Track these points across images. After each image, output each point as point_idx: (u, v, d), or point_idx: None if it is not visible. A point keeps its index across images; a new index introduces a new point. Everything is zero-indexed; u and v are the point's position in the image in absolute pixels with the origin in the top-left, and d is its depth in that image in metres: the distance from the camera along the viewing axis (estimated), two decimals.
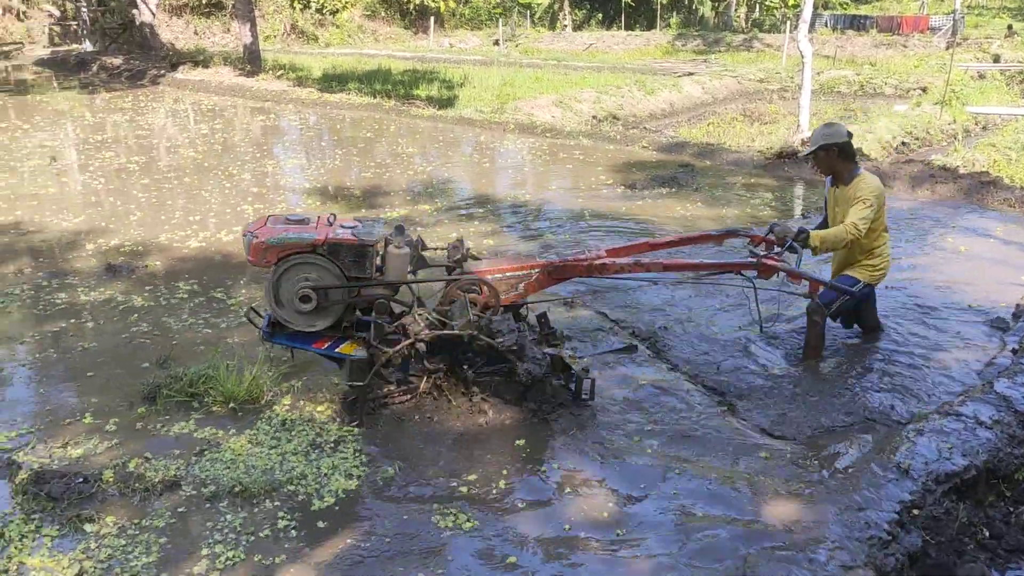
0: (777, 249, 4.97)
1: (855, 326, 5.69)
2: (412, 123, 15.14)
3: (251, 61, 20.05)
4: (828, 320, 5.33)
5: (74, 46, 26.49)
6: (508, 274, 4.79)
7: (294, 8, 31.88)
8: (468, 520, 3.75)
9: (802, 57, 12.51)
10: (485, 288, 4.64)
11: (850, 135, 5.17)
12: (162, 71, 20.99)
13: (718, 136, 14.26)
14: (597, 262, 4.84)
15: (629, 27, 37.70)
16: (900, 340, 5.64)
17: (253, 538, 3.62)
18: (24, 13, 31.84)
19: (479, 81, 18.96)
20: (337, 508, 3.84)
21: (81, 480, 3.97)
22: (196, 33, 30.66)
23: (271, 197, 9.83)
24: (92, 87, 20.22)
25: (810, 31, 12.94)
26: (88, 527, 3.68)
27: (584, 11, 40.51)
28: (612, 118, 16.41)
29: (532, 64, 23.73)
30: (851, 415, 4.66)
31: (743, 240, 5.57)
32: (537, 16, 39.32)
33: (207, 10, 32.01)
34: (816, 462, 4.18)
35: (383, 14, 35.80)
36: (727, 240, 5.93)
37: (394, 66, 21.73)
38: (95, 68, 22.62)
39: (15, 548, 3.55)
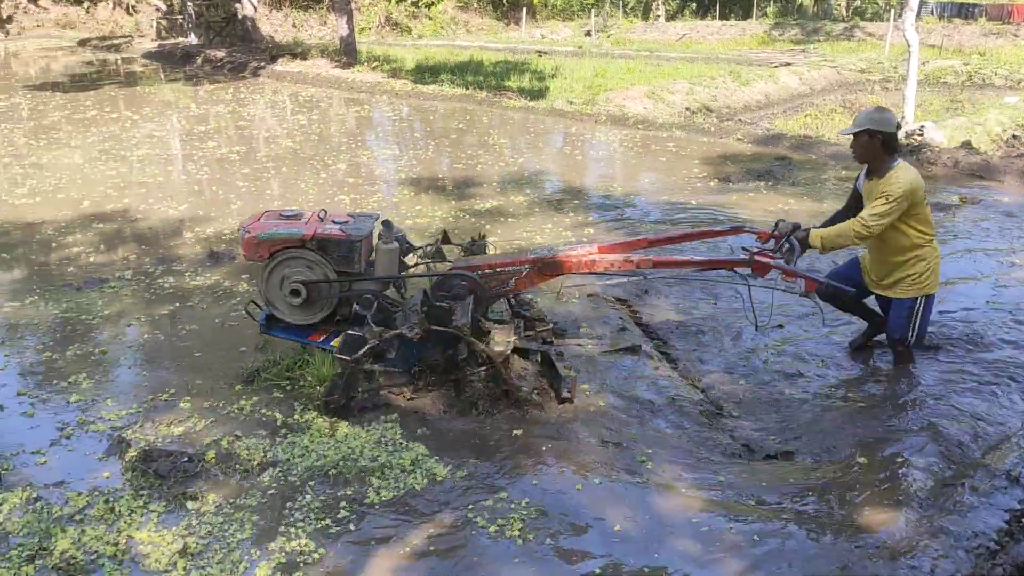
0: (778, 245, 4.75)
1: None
2: (503, 114, 15.21)
3: (347, 53, 20.42)
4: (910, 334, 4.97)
5: (180, 39, 27.43)
6: (498, 269, 4.73)
7: (390, 1, 32.31)
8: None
9: (907, 46, 12.09)
10: (470, 282, 4.62)
11: (898, 126, 4.80)
12: (262, 63, 21.56)
13: (816, 128, 13.90)
14: (586, 259, 4.71)
15: (724, 16, 37.00)
16: (986, 346, 5.38)
17: (336, 522, 3.71)
18: (134, 7, 33.16)
19: (570, 72, 18.90)
20: (418, 498, 3.90)
21: (186, 459, 4.13)
22: (294, 26, 31.38)
23: (365, 187, 10.01)
24: (196, 79, 20.92)
25: (916, 19, 12.47)
26: (191, 504, 3.83)
27: (677, 1, 39.95)
28: (705, 110, 16.15)
29: (624, 55, 23.52)
30: (913, 428, 4.46)
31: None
32: (629, 6, 38.95)
33: (305, 3, 32.74)
34: (901, 472, 4.03)
35: (475, 5, 36.00)
36: (736, 235, 5.48)
37: (486, 57, 21.84)
38: (199, 60, 23.39)
39: (124, 523, 3.72)
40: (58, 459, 4.25)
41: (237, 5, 24.68)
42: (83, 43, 29.37)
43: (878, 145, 4.71)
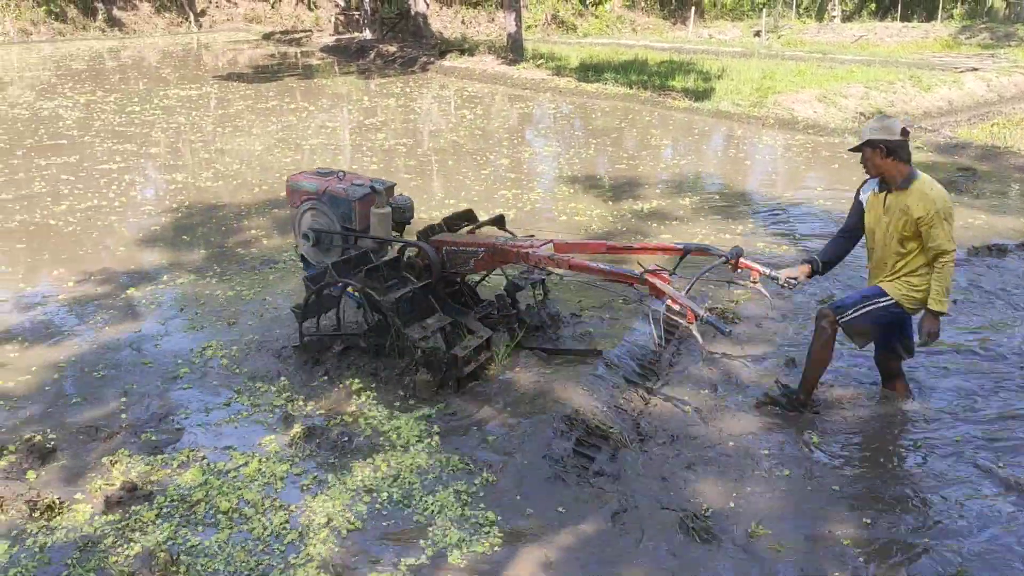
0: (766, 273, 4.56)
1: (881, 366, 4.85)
2: (667, 114, 15.00)
3: (513, 50, 20.68)
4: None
5: (356, 34, 28.55)
6: (460, 248, 5.08)
7: None
8: None
9: None
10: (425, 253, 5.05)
11: (905, 133, 4.34)
12: (431, 59, 22.14)
13: (1004, 139, 12.97)
14: (523, 251, 4.93)
15: (905, 18, 35.14)
16: None
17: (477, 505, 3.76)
18: (314, 3, 34.77)
19: (737, 73, 18.42)
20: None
21: (346, 438, 4.30)
22: (463, 23, 32.05)
23: (526, 183, 10.10)
24: (368, 73, 21.71)
25: None
26: (346, 477, 3.98)
27: (856, 1, 38.24)
28: (881, 115, 15.37)
29: (795, 56, 22.70)
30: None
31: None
32: (803, 7, 37.61)
33: (475, 1, 33.38)
34: None
35: (643, 4, 35.69)
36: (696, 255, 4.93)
37: (651, 57, 21.60)
38: (372, 55, 24.26)
39: (278, 486, 3.91)
40: (231, 427, 4.50)
41: (410, 2, 25.44)
42: (267, 37, 31.04)
43: (882, 155, 4.35)
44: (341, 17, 31.23)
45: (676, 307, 4.31)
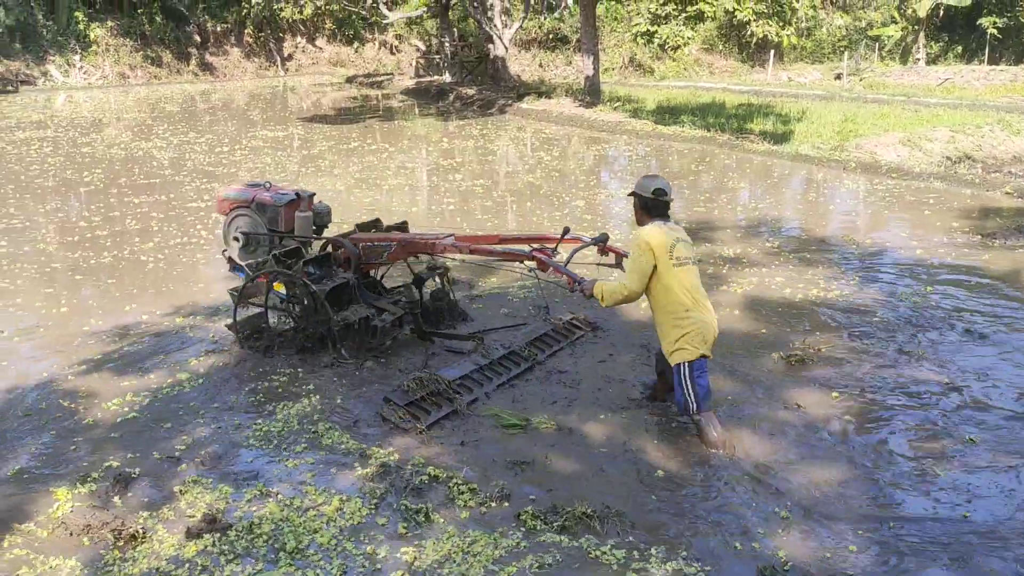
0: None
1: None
2: (745, 157, 14.87)
3: (591, 93, 20.83)
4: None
5: (436, 77, 29.15)
6: (374, 244, 6.02)
7: (637, 43, 32.66)
8: None
9: None
10: (344, 247, 5.99)
11: (660, 193, 4.81)
12: (509, 101, 22.45)
13: None
14: (430, 242, 5.92)
15: (993, 61, 34.26)
16: None
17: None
18: (396, 48, 35.65)
19: (818, 116, 18.21)
20: None
21: (423, 477, 4.32)
22: (541, 66, 32.44)
23: (600, 224, 10.10)
24: (447, 115, 22.11)
25: None
26: (423, 521, 3.99)
27: (941, 44, 37.46)
28: (968, 160, 14.95)
29: (877, 99, 22.34)
30: None
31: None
32: (886, 49, 37.00)
33: (552, 44, 33.77)
34: None
35: (720, 48, 35.59)
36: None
37: (728, 99, 21.52)
38: (451, 97, 24.73)
39: (347, 523, 3.94)
40: (309, 463, 4.57)
41: (490, 46, 25.88)
42: (350, 80, 31.92)
43: (637, 206, 4.95)
44: (422, 60, 31.95)
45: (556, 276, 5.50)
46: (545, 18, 34.32)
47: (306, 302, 5.79)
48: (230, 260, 6.65)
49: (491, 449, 4.69)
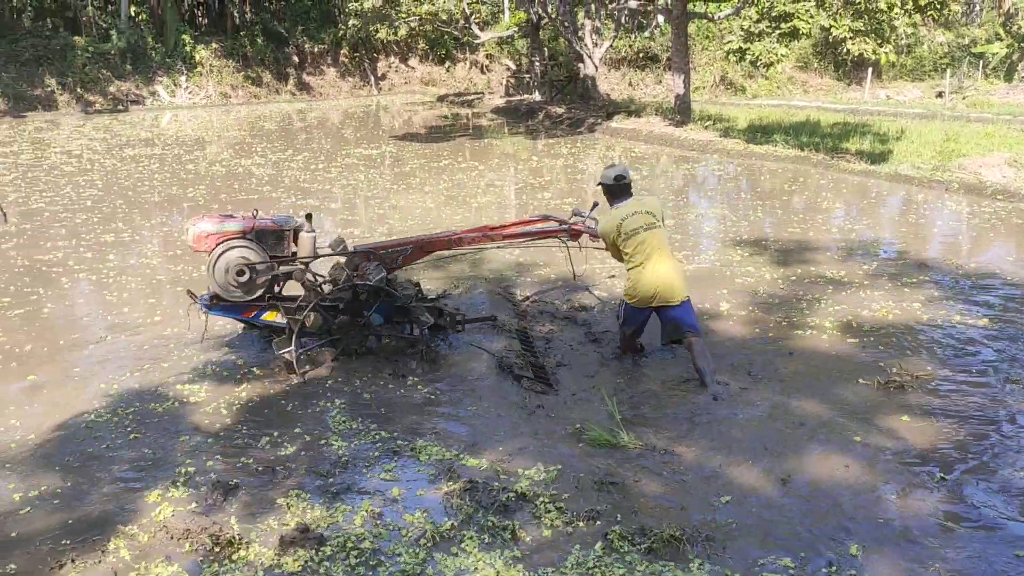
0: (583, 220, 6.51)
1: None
2: (840, 177, 14.51)
3: (681, 111, 20.68)
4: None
5: (525, 96, 29.36)
6: (390, 250, 6.19)
7: (728, 61, 32.29)
8: None
9: None
10: (371, 256, 6.07)
11: (618, 178, 6.00)
12: (598, 120, 22.44)
13: None
14: (454, 238, 6.36)
15: None
16: None
17: None
18: (487, 67, 36.06)
19: (918, 135, 17.65)
20: None
21: (509, 495, 4.33)
22: (630, 84, 32.35)
23: (691, 244, 10.00)
24: (536, 133, 22.23)
25: None
26: (509, 538, 4.00)
27: None
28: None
29: (981, 118, 21.53)
30: None
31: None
32: (991, 67, 35.68)
33: (642, 63, 33.65)
34: None
35: (815, 66, 34.88)
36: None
37: (823, 118, 21.05)
38: (541, 116, 24.86)
39: (435, 542, 3.97)
40: (396, 478, 4.63)
41: (580, 65, 25.95)
42: (441, 99, 32.41)
43: (606, 193, 6.10)
44: (512, 79, 32.25)
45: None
46: (636, 37, 34.24)
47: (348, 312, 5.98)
48: (212, 299, 5.99)
49: (578, 466, 4.68)
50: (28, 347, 6.87)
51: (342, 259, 6.17)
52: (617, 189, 6.01)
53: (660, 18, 32.28)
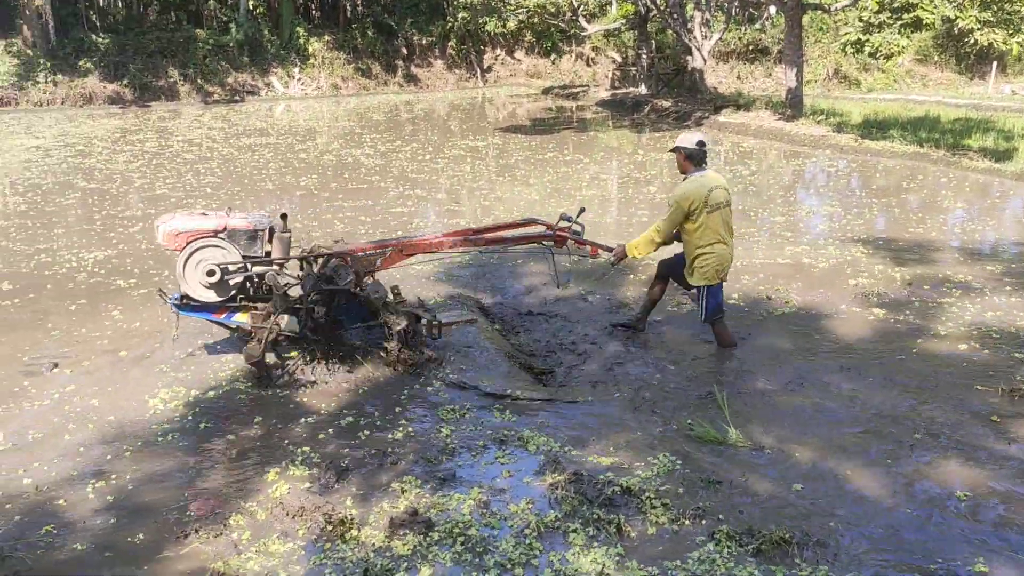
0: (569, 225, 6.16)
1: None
2: (962, 175, 13.91)
3: (792, 105, 20.15)
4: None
5: (631, 89, 29.11)
6: (368, 252, 5.90)
7: (844, 54, 31.28)
8: None
9: None
10: (348, 260, 5.79)
11: (700, 144, 5.92)
12: (706, 114, 22.08)
13: None
14: (434, 241, 6.09)
15: None
16: None
17: None
18: (593, 60, 35.88)
19: None
20: None
21: (615, 488, 4.33)
22: (739, 78, 31.67)
23: (803, 241, 9.74)
24: (641, 127, 22.03)
25: None
26: (613, 532, 4.00)
27: None
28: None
29: None
30: None
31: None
32: None
33: (752, 56, 32.90)
34: None
35: (936, 59, 33.46)
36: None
37: (944, 113, 20.18)
38: (646, 110, 24.61)
39: (540, 532, 4.00)
40: (503, 465, 4.69)
41: (687, 58, 25.57)
42: (546, 91, 32.44)
43: (683, 158, 5.94)
44: (618, 72, 32.00)
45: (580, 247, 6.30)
46: (746, 29, 33.51)
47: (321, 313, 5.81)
48: (183, 299, 5.83)
49: (685, 463, 4.64)
50: (145, 327, 7.20)
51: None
52: (699, 155, 5.95)
53: (772, 9, 31.53)
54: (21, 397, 5.85)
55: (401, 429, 5.17)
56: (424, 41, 35.44)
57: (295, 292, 5.91)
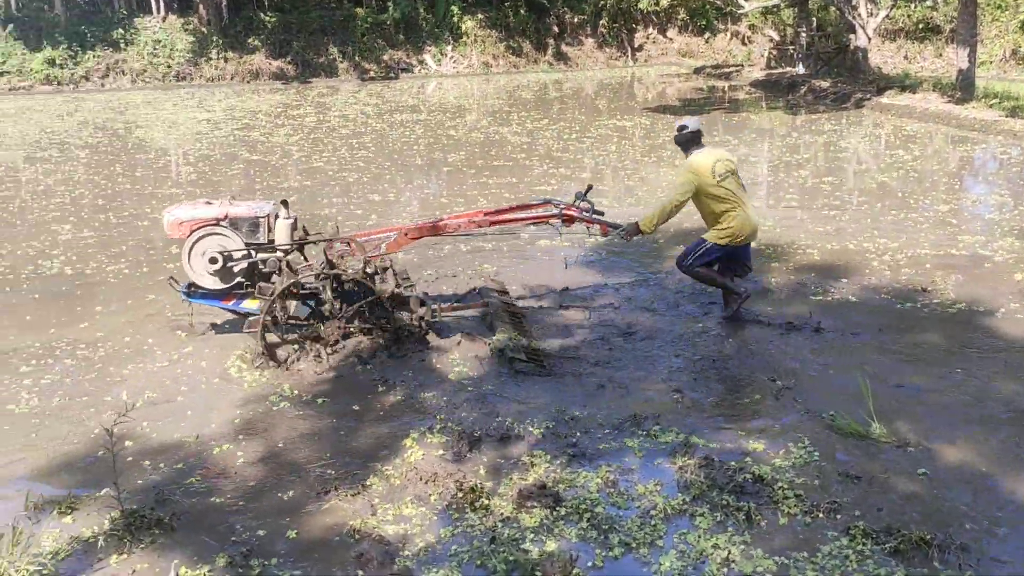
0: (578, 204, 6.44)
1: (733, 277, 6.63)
2: None
3: (963, 88, 18.94)
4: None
5: (787, 69, 28.09)
6: (373, 236, 6.09)
7: None
8: None
9: None
10: (353, 245, 5.97)
11: (681, 128, 6.42)
12: (867, 95, 21.05)
13: None
14: (440, 224, 6.20)
15: None
16: None
17: None
18: (749, 38, 34.82)
19: None
20: None
21: (747, 475, 4.26)
22: (906, 58, 30.01)
23: (967, 230, 9.19)
24: (796, 108, 21.24)
25: None
26: (743, 520, 3.94)
27: None
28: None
29: None
30: None
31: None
32: None
33: (922, 35, 31.09)
34: None
35: None
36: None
37: None
38: (803, 90, 23.69)
39: (667, 515, 3.99)
40: (632, 447, 4.69)
41: (851, 36, 24.43)
42: (698, 71, 31.74)
43: (682, 143, 6.44)
44: (774, 51, 30.92)
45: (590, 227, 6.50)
46: (916, 6, 31.65)
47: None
48: (190, 286, 6.09)
49: (822, 455, 4.51)
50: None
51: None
52: (693, 137, 6.40)
53: None
54: (170, 354, 6.27)
55: (534, 402, 5.25)
56: (576, 19, 35.30)
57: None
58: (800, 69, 26.67)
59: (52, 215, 11.02)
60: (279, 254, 5.94)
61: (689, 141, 6.43)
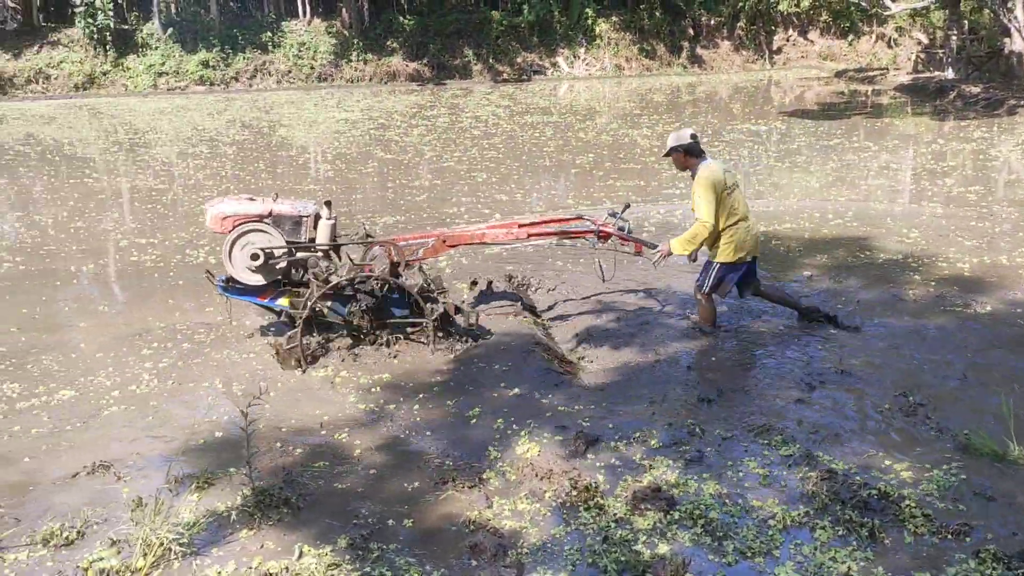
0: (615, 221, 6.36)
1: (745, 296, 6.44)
2: None
3: None
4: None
5: (936, 73, 26.81)
6: (411, 241, 6.21)
7: None
8: None
9: None
10: (391, 249, 5.99)
11: (694, 136, 6.03)
12: (1021, 102, 19.87)
13: None
14: (478, 233, 6.33)
15: None
16: None
17: None
18: (895, 41, 33.41)
19: None
20: None
21: (872, 491, 4.12)
22: None
23: None
24: (944, 114, 20.25)
25: None
26: (866, 536, 3.81)
27: None
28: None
29: None
30: None
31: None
32: None
33: None
34: None
35: None
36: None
37: None
38: (952, 95, 22.54)
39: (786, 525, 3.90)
40: (751, 456, 4.61)
41: (1005, 40, 23.10)
42: (839, 74, 30.68)
43: (683, 156, 6.05)
44: (922, 55, 29.58)
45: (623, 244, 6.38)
46: None
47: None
48: (228, 281, 6.10)
49: (953, 474, 4.30)
50: None
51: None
52: (698, 148, 6.06)
53: None
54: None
55: (654, 407, 5.22)
56: (712, 22, 34.73)
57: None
58: (949, 73, 25.39)
59: (200, 208, 11.67)
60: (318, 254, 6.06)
61: (700, 151, 6.07)
